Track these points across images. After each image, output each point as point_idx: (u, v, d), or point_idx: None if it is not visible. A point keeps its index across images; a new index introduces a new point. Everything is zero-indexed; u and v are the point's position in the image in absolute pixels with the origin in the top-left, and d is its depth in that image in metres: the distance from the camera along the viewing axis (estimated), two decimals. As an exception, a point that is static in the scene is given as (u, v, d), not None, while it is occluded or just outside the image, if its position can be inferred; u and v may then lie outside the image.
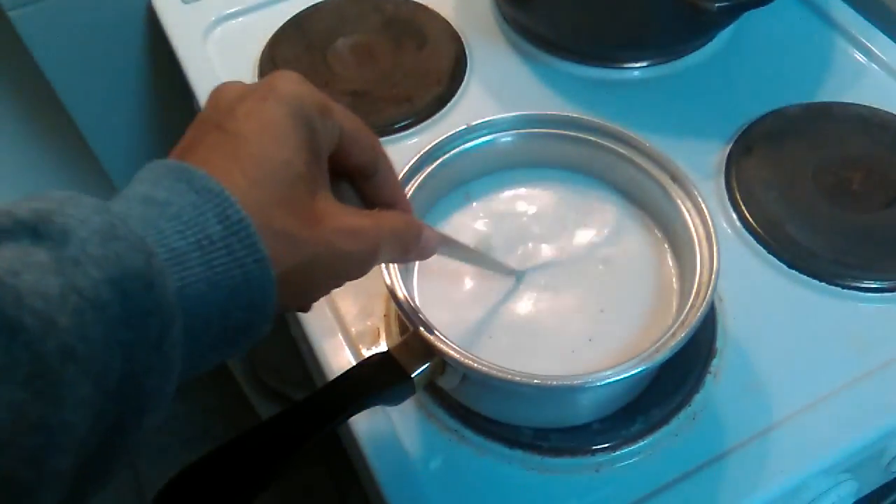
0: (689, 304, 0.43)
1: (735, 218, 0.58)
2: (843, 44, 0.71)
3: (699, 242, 0.46)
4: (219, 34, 0.75)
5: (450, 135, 0.51)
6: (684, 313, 0.43)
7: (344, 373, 0.42)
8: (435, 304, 0.47)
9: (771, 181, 0.60)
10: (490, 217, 0.52)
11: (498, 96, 0.68)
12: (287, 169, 0.31)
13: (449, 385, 0.45)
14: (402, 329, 0.51)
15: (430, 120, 0.66)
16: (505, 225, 0.51)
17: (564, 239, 0.50)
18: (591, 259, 0.49)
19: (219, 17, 0.75)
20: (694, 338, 0.42)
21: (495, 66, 0.71)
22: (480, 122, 0.51)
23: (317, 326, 0.53)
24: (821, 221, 0.57)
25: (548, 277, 0.49)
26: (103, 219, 0.26)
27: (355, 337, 0.53)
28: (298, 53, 0.71)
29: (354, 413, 0.40)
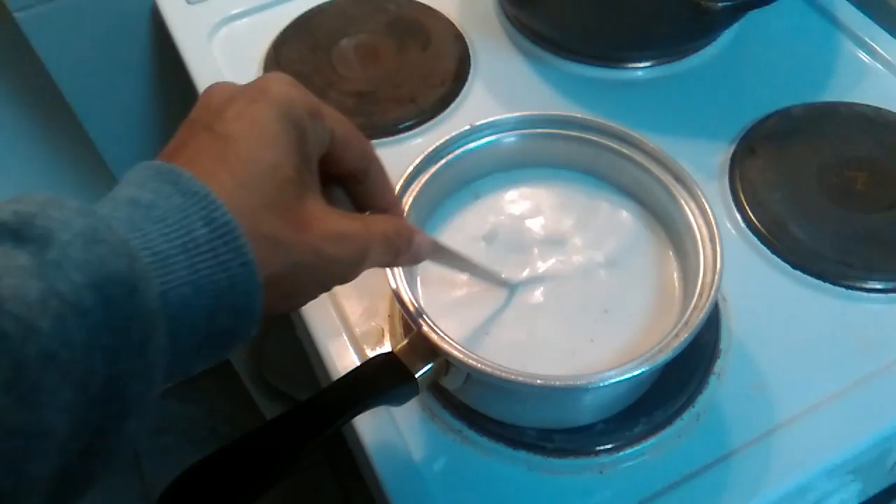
0: (693, 305, 0.43)
1: (739, 218, 0.58)
2: (848, 43, 0.71)
3: (703, 243, 0.46)
4: (224, 35, 0.75)
5: (453, 135, 0.51)
6: (687, 314, 0.43)
7: (347, 373, 0.42)
8: (438, 306, 0.47)
9: (775, 181, 0.59)
10: (494, 217, 0.52)
11: (502, 97, 0.68)
12: (275, 172, 0.30)
13: (453, 385, 0.45)
14: (406, 330, 0.51)
15: (434, 120, 0.66)
16: (508, 226, 0.51)
17: (568, 239, 0.50)
18: (595, 260, 0.49)
19: (224, 18, 0.75)
20: (697, 338, 0.42)
21: (499, 67, 0.71)
22: (484, 123, 0.51)
23: (321, 327, 0.54)
24: (825, 222, 0.57)
25: (551, 278, 0.49)
26: (86, 222, 0.25)
27: (359, 338, 0.53)
28: (303, 54, 0.71)
29: (358, 413, 0.40)
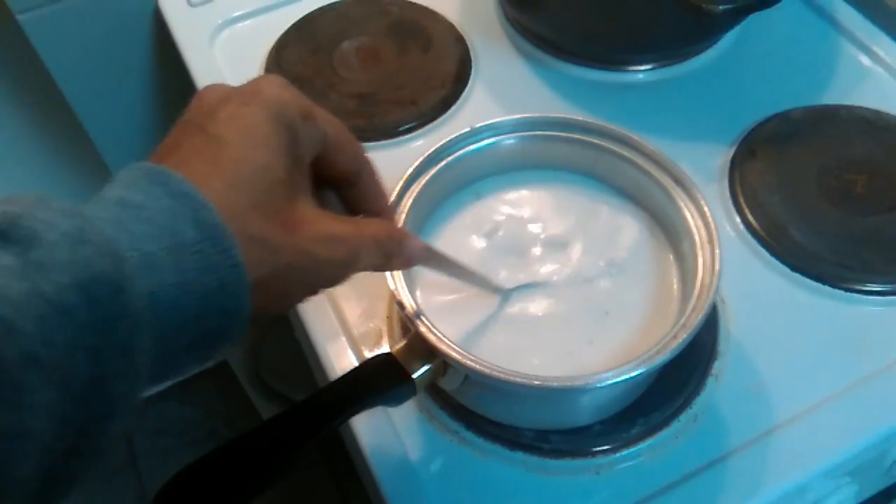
0: (691, 307, 0.43)
1: (738, 221, 0.58)
2: (848, 47, 0.71)
3: (701, 245, 0.46)
4: (225, 37, 0.75)
5: (454, 137, 0.51)
6: (686, 316, 0.43)
7: (345, 374, 0.42)
8: (437, 307, 0.47)
9: (774, 184, 0.59)
10: (493, 219, 0.52)
11: (502, 99, 0.69)
12: (266, 173, 0.30)
13: (450, 386, 0.45)
14: (405, 331, 0.51)
15: (435, 122, 0.66)
16: (508, 228, 0.51)
17: (567, 242, 0.50)
18: (594, 262, 0.49)
19: (225, 21, 0.76)
20: (696, 340, 0.42)
21: (500, 69, 0.71)
22: (484, 125, 0.51)
23: (319, 328, 0.54)
24: (824, 224, 0.57)
25: (550, 280, 0.49)
26: (72, 222, 0.25)
27: (358, 339, 0.53)
28: (304, 56, 0.71)
29: (355, 414, 0.40)
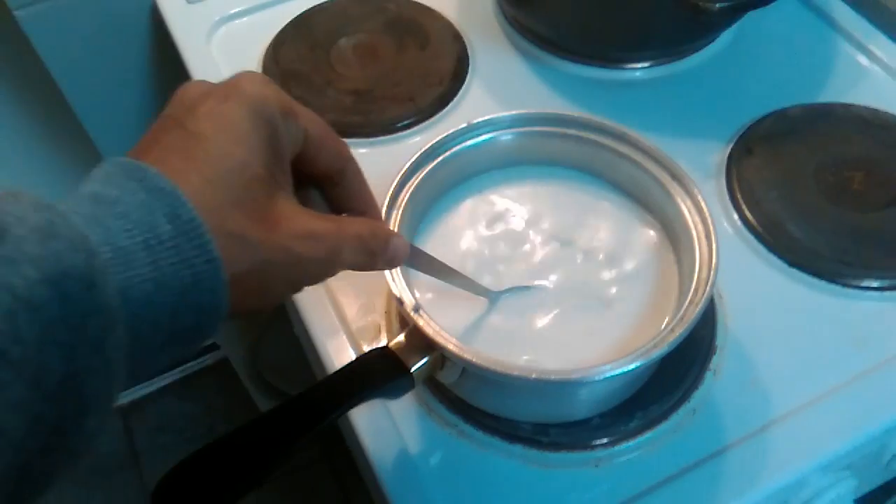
0: (688, 301, 0.43)
1: (736, 217, 0.58)
2: (845, 45, 0.71)
3: (698, 240, 0.46)
4: (223, 34, 0.75)
5: (450, 133, 0.51)
6: (683, 309, 0.43)
7: (342, 367, 0.42)
8: (435, 300, 0.47)
9: (772, 181, 0.60)
10: (490, 215, 0.52)
11: (500, 96, 0.69)
12: (244, 169, 0.30)
13: (448, 380, 0.45)
14: (403, 325, 0.51)
15: (432, 119, 0.66)
16: (505, 223, 0.51)
17: (564, 237, 0.50)
18: (591, 257, 0.49)
19: (223, 17, 0.76)
20: (694, 334, 0.42)
21: (497, 66, 0.71)
22: (481, 121, 0.51)
23: (318, 323, 0.54)
24: (821, 221, 0.57)
25: (547, 275, 0.49)
26: (43, 216, 0.25)
27: (356, 333, 0.53)
28: (302, 53, 0.72)
29: (352, 407, 0.40)
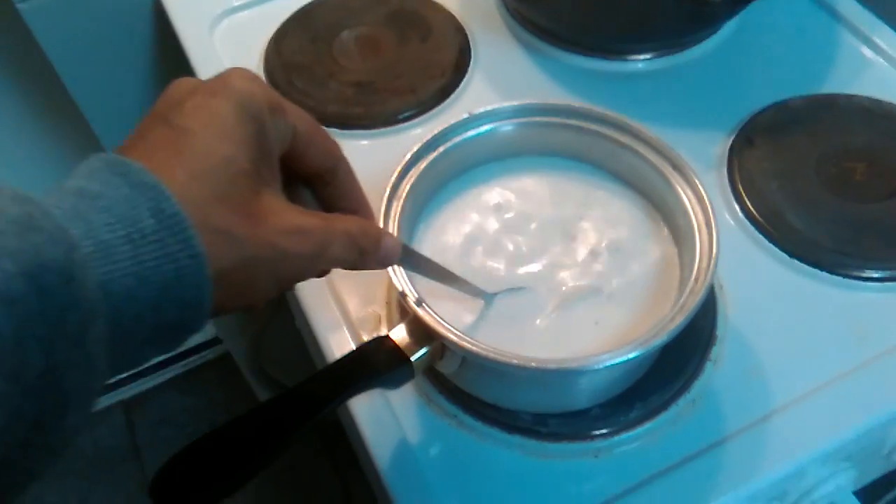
0: (689, 290, 0.43)
1: (737, 208, 0.58)
2: (848, 36, 0.71)
3: (699, 229, 0.46)
4: (225, 26, 0.75)
5: (451, 124, 0.51)
6: (683, 298, 0.43)
7: (342, 357, 0.42)
8: (435, 290, 0.47)
9: (773, 172, 0.59)
10: (491, 206, 0.52)
11: (501, 88, 0.69)
12: (230, 164, 0.30)
13: (448, 369, 0.46)
14: (403, 315, 0.51)
15: (434, 111, 0.66)
16: (506, 214, 0.51)
17: (565, 227, 0.50)
18: (592, 247, 0.49)
19: (225, 10, 0.76)
20: (694, 324, 0.42)
21: (499, 58, 0.71)
22: (482, 111, 0.51)
23: (319, 313, 0.54)
24: (822, 211, 0.57)
25: (548, 265, 0.49)
26: (22, 209, 0.25)
27: (357, 324, 0.53)
28: (304, 45, 0.72)
29: (351, 396, 0.40)
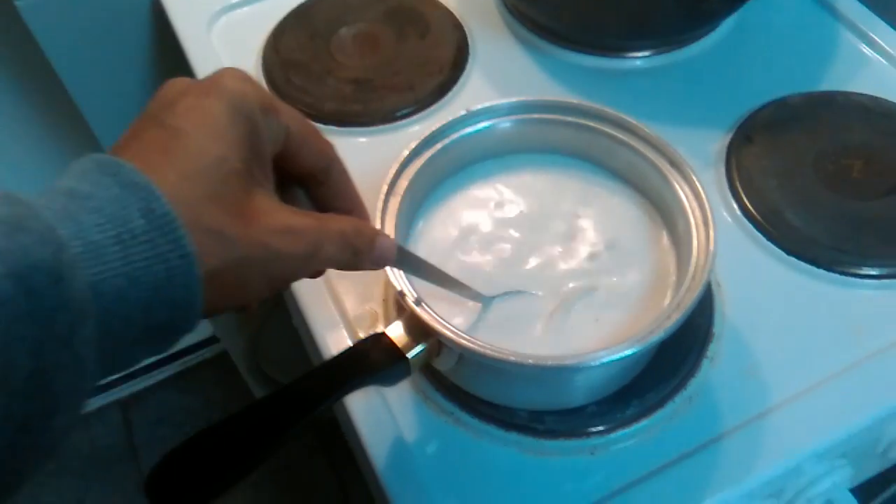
0: (686, 287, 0.43)
1: (735, 206, 0.58)
2: (847, 33, 0.71)
3: (696, 226, 0.46)
4: (223, 23, 0.75)
5: (449, 121, 0.51)
6: (680, 295, 0.43)
7: (338, 353, 0.42)
8: (434, 296, 0.47)
9: (771, 169, 0.59)
10: (489, 203, 0.52)
11: (499, 85, 0.68)
12: (221, 164, 0.30)
13: (445, 366, 0.45)
14: (400, 312, 0.51)
15: (432, 108, 0.66)
16: (504, 211, 0.51)
17: (563, 225, 0.50)
18: (590, 244, 0.49)
19: (223, 7, 0.76)
20: (691, 322, 0.42)
21: (497, 55, 0.71)
22: (480, 108, 0.51)
23: (315, 311, 0.54)
24: (820, 209, 0.57)
25: (546, 262, 0.49)
26: (10, 210, 0.24)
27: (354, 321, 0.53)
28: (302, 42, 0.71)
29: (347, 393, 0.40)
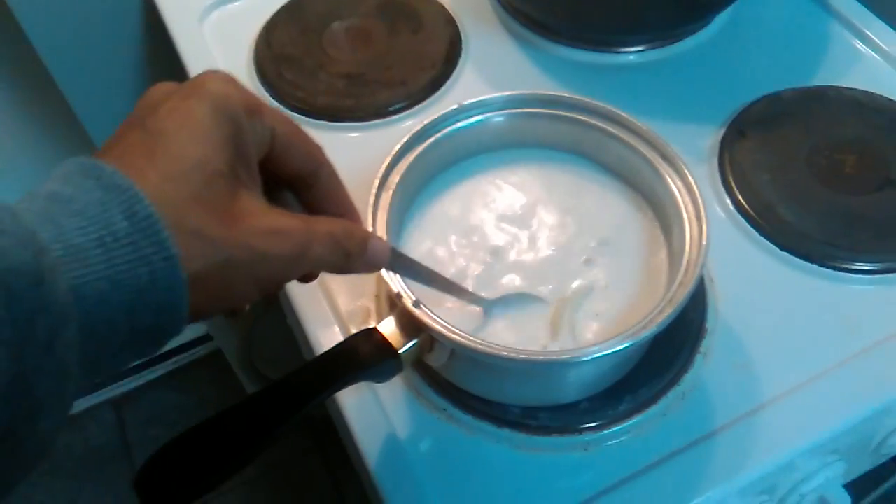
0: (678, 282, 0.43)
1: (728, 201, 0.58)
2: (840, 29, 0.70)
3: (689, 220, 0.46)
4: (215, 18, 0.75)
5: (441, 114, 0.50)
6: (672, 290, 0.42)
7: (329, 349, 0.42)
8: (430, 299, 0.46)
9: (764, 164, 0.59)
10: (481, 198, 0.52)
11: (492, 81, 0.68)
12: (205, 166, 0.29)
13: (437, 362, 0.45)
14: (392, 308, 0.51)
15: (425, 103, 0.66)
16: (496, 206, 0.51)
17: (555, 219, 0.50)
18: (582, 239, 0.49)
19: (215, 1, 0.75)
20: (684, 317, 0.42)
21: (490, 50, 0.70)
22: (472, 102, 0.51)
23: (308, 308, 0.53)
24: (813, 204, 0.57)
25: (539, 257, 0.48)
26: None
27: (346, 317, 0.53)
28: (294, 37, 0.71)
29: (339, 389, 0.40)
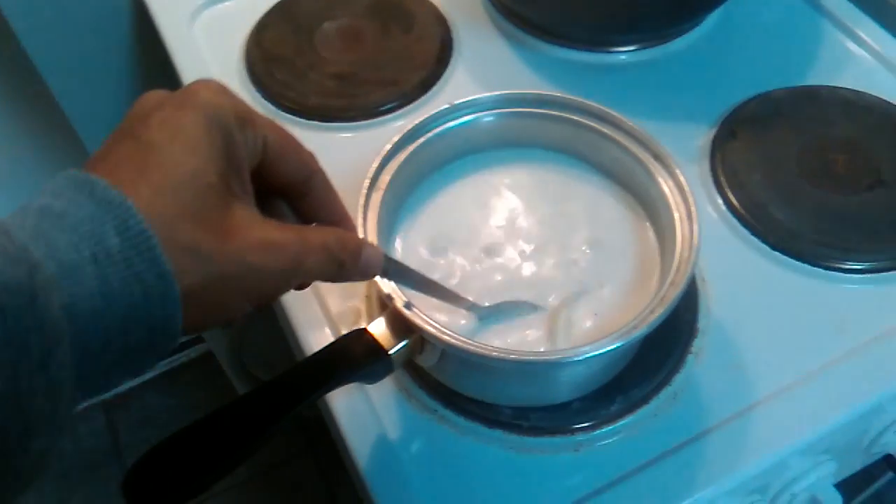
0: (669, 282, 0.43)
1: (719, 200, 0.58)
2: (831, 28, 0.71)
3: (680, 220, 0.46)
4: (206, 18, 0.74)
5: (433, 114, 0.50)
6: (664, 290, 0.42)
7: (319, 350, 0.41)
8: (425, 304, 0.46)
9: (755, 164, 0.59)
10: (473, 200, 0.51)
11: (484, 80, 0.68)
12: (197, 178, 0.29)
13: (428, 363, 0.45)
14: (383, 309, 0.50)
15: (416, 103, 0.66)
16: (487, 208, 0.51)
17: (547, 219, 0.50)
18: (574, 239, 0.49)
19: (205, 1, 0.75)
20: (676, 317, 0.42)
21: (482, 50, 0.70)
22: (464, 101, 0.51)
23: (298, 309, 0.53)
24: (804, 203, 0.57)
25: (530, 257, 0.48)
26: None
27: (337, 319, 0.53)
28: (285, 37, 0.71)
29: (329, 390, 0.40)
